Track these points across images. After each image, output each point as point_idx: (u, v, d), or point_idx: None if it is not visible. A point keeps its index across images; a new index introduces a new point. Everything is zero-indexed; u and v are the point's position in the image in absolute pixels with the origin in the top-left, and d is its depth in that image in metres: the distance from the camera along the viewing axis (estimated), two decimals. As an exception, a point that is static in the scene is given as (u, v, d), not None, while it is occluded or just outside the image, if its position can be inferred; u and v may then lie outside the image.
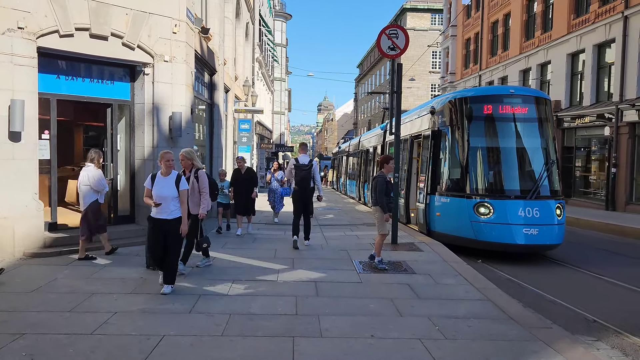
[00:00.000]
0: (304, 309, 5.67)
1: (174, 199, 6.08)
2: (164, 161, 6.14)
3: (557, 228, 9.27)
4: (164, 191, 6.04)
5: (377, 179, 7.72)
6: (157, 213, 6.09)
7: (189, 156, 7.05)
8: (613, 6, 19.44)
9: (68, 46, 8.35)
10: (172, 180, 6.10)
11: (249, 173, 11.20)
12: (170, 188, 6.06)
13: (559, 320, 5.66)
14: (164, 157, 6.15)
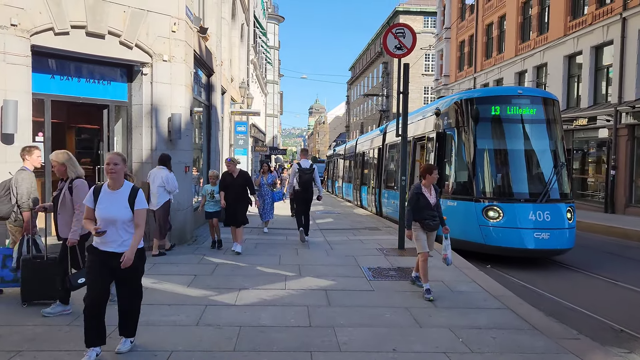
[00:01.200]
0: (318, 319, 5.38)
1: (127, 223, 4.27)
2: (107, 168, 4.22)
3: (568, 232, 9.05)
4: (111, 211, 4.20)
5: (410, 191, 6.65)
6: (102, 243, 4.24)
7: (60, 159, 5.33)
8: (611, 8, 19.38)
9: (63, 44, 8.00)
10: (123, 196, 4.26)
11: (243, 177, 9.14)
12: (121, 207, 4.22)
13: (585, 330, 5.41)
14: (109, 160, 4.21)
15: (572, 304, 6.61)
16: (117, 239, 4.25)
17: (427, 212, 6.39)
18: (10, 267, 5.92)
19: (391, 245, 9.86)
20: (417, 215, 6.38)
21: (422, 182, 6.48)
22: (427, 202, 6.38)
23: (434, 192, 6.54)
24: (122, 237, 4.26)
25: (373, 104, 56.96)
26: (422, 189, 6.44)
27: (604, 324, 5.82)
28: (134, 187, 4.38)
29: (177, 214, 9.44)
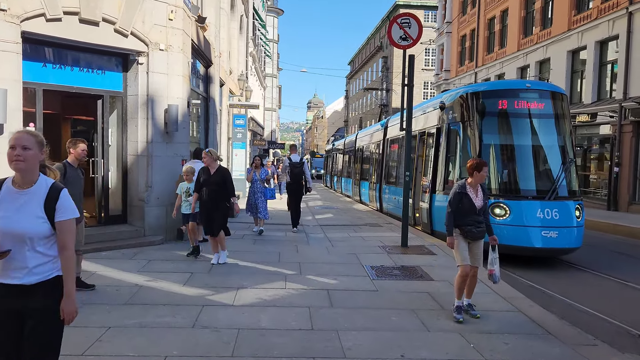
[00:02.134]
0: (320, 322, 5.10)
1: (41, 241, 2.68)
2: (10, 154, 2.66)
3: (577, 230, 8.78)
4: (15, 222, 2.62)
5: (452, 189, 5.63)
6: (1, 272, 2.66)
7: None
8: (617, 2, 19.05)
9: (55, 31, 7.67)
10: (36, 199, 2.69)
11: (221, 174, 7.53)
12: (31, 216, 2.66)
13: (601, 335, 5.14)
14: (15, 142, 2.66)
15: (584, 306, 6.34)
16: (24, 265, 2.64)
17: (471, 217, 5.39)
18: None
19: (394, 242, 9.59)
20: (458, 220, 5.41)
21: (468, 181, 5.47)
22: (471, 204, 5.37)
23: (481, 193, 5.49)
24: (29, 263, 2.64)
25: (372, 99, 56.61)
26: (466, 188, 5.42)
27: (620, 328, 5.56)
28: (55, 185, 2.76)
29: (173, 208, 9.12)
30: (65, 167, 5.84)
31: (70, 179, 5.78)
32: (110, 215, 9.01)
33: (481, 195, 5.47)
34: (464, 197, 5.41)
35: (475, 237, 5.44)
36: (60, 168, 5.74)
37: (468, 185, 5.44)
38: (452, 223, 5.44)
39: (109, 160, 8.95)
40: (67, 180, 5.72)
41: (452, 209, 5.44)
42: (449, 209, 5.45)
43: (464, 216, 5.39)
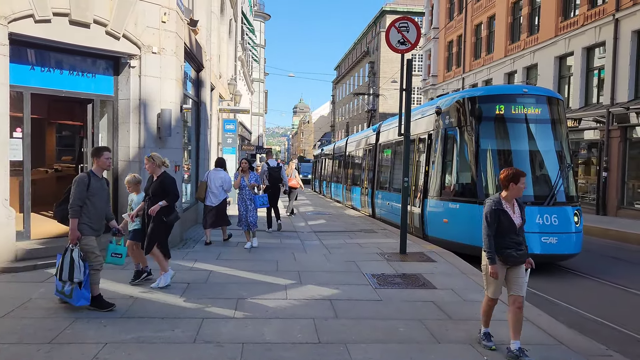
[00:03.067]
0: (326, 335, 4.91)
1: None
2: None
3: (575, 236, 8.74)
4: None
5: (485, 204, 4.71)
6: None
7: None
8: (603, 9, 19.26)
9: (44, 33, 7.40)
10: None
11: (159, 182, 6.41)
12: None
13: (612, 344, 5.05)
14: None
15: (589, 314, 6.26)
16: None
17: (509, 237, 4.56)
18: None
19: (392, 249, 9.45)
20: (496, 243, 4.57)
21: (503, 195, 4.64)
22: (510, 223, 4.56)
23: (518, 209, 4.67)
24: None
25: (359, 104, 56.66)
26: (502, 204, 4.60)
27: (630, 337, 5.47)
28: None
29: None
30: (90, 177, 5.43)
31: (93, 191, 5.41)
32: (101, 223, 8.70)
33: (518, 212, 4.67)
34: (501, 214, 4.57)
35: (517, 261, 4.58)
36: (84, 178, 5.38)
37: (503, 200, 4.62)
38: (494, 247, 4.56)
39: (99, 167, 8.65)
40: (91, 192, 5.37)
41: (491, 231, 4.57)
42: (486, 230, 4.57)
43: (502, 237, 4.56)
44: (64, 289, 5.35)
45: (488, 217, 4.59)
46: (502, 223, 4.55)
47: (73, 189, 5.33)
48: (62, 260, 5.30)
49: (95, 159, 5.55)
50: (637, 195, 17.77)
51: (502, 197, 4.65)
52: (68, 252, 5.27)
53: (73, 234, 5.28)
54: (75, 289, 5.29)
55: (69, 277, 5.22)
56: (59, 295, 5.47)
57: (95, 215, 5.47)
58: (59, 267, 5.29)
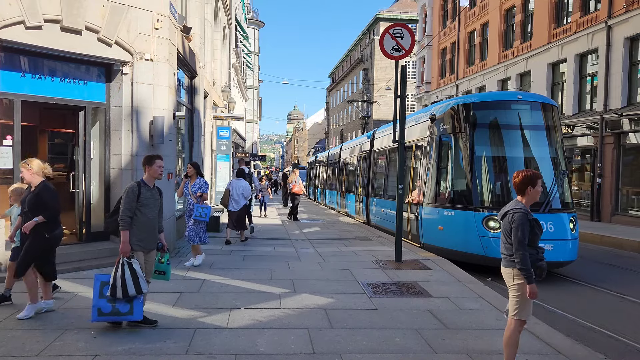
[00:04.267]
0: (321, 345, 4.83)
1: None
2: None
3: (571, 243, 8.71)
4: None
5: (513, 215, 4.06)
6: None
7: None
8: (595, 16, 19.39)
9: (36, 40, 7.32)
10: None
11: (35, 194, 5.45)
12: None
13: (610, 353, 5.00)
14: None
15: (587, 322, 6.20)
16: None
17: (536, 248, 4.11)
18: (107, 296, 4.98)
19: (387, 257, 9.38)
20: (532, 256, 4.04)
21: (522, 201, 4.18)
22: (540, 231, 4.14)
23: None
24: None
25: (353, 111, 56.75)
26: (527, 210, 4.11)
27: (628, 345, 5.41)
28: None
29: (158, 224, 8.77)
30: (140, 186, 5.18)
31: (144, 201, 5.16)
32: (92, 231, 8.61)
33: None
34: (534, 224, 4.08)
35: (544, 272, 4.11)
36: (134, 188, 5.12)
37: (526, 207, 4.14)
38: (529, 264, 3.97)
39: (90, 175, 8.57)
40: (141, 202, 5.12)
41: (527, 242, 4.01)
42: (523, 246, 3.97)
43: (532, 249, 4.08)
44: (116, 309, 4.99)
45: (524, 230, 3.98)
46: (536, 234, 4.09)
47: (123, 199, 5.07)
48: (114, 276, 4.93)
49: (147, 167, 5.28)
50: (632, 202, 17.81)
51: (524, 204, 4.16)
52: (121, 267, 4.94)
53: (125, 247, 5.01)
54: (136, 302, 5.03)
55: (123, 293, 4.89)
56: (106, 318, 5.03)
57: (146, 226, 5.19)
58: (112, 286, 4.91)
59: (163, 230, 5.60)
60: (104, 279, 5.04)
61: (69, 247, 8.17)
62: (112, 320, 5.10)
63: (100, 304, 4.98)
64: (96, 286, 5.02)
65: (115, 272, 4.94)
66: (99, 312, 4.99)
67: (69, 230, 9.52)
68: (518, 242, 3.98)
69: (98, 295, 5.00)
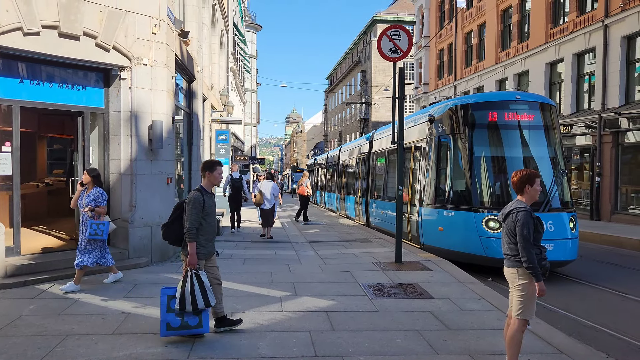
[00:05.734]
0: (323, 348, 4.82)
1: None
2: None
3: (571, 242, 8.71)
4: None
5: (517, 214, 4.05)
6: None
7: None
8: (592, 15, 19.45)
9: (33, 46, 7.32)
10: None
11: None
12: None
13: (612, 352, 4.99)
14: None
15: (588, 321, 6.20)
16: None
17: (539, 247, 4.08)
18: (175, 310, 4.86)
19: (387, 258, 9.37)
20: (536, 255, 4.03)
21: (522, 198, 4.20)
22: (543, 229, 4.13)
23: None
24: None
25: (352, 113, 56.79)
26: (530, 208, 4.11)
27: (630, 344, 5.41)
28: None
29: (159, 228, 8.74)
30: (203, 195, 5.03)
31: (208, 209, 5.04)
32: (92, 237, 8.58)
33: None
34: (537, 222, 4.09)
35: (547, 271, 4.10)
36: (199, 198, 4.96)
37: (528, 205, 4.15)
38: (535, 259, 3.97)
39: (90, 180, 8.54)
40: (206, 211, 5.00)
41: (532, 241, 4.00)
42: (528, 244, 3.96)
43: (536, 247, 4.05)
44: (185, 322, 4.88)
45: (529, 228, 3.98)
46: (539, 232, 4.08)
47: (189, 210, 4.91)
48: (183, 290, 4.81)
49: (207, 172, 5.15)
50: (631, 200, 17.83)
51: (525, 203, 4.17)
52: (189, 280, 4.83)
53: (193, 259, 4.89)
54: (204, 314, 4.94)
55: (192, 307, 4.78)
56: (176, 332, 4.90)
57: (209, 234, 5.13)
58: (180, 299, 4.79)
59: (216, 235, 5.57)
60: (170, 293, 4.93)
61: (69, 253, 8.15)
62: (181, 334, 4.95)
63: (169, 318, 4.86)
64: (163, 300, 4.89)
65: (184, 285, 4.82)
66: (167, 327, 4.87)
67: (69, 236, 9.53)
68: (524, 240, 3.96)
69: (166, 310, 4.86)
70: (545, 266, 4.05)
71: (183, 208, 5.04)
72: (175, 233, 5.09)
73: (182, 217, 5.04)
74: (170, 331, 4.87)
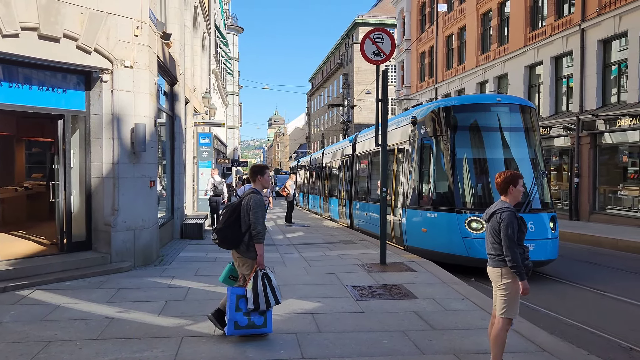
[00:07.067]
0: (310, 349, 4.83)
1: None
2: None
3: (552, 242, 8.87)
4: None
5: (501, 214, 4.10)
6: None
7: None
8: (570, 19, 19.83)
9: (12, 48, 7.19)
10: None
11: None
12: None
13: (593, 349, 5.10)
14: None
15: (569, 319, 6.32)
16: None
17: (522, 247, 4.12)
18: (244, 309, 4.97)
19: (371, 260, 9.42)
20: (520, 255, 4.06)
21: (506, 199, 4.26)
22: (526, 229, 4.21)
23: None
24: None
25: (334, 115, 56.93)
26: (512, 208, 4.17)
27: (610, 341, 5.52)
28: None
29: (142, 232, 8.70)
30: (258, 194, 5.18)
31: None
32: (73, 241, 8.48)
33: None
34: (521, 222, 4.14)
35: (530, 270, 4.15)
36: (262, 200, 5.09)
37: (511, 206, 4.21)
38: (519, 259, 4.03)
39: (71, 184, 8.44)
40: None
41: (516, 240, 4.04)
42: (513, 243, 4.00)
43: (519, 247, 4.10)
44: (252, 322, 5.02)
45: (513, 227, 4.02)
46: (522, 232, 4.12)
47: (255, 212, 4.99)
48: (255, 289, 4.92)
49: (259, 176, 5.28)
50: (609, 200, 18.20)
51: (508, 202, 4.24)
52: (261, 279, 4.95)
53: (262, 258, 5.02)
54: (268, 314, 5.08)
55: (266, 306, 4.96)
56: (242, 331, 5.02)
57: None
58: (254, 299, 4.91)
59: None
60: (240, 292, 5.00)
61: (50, 258, 8.05)
62: (247, 334, 5.06)
63: (237, 317, 4.96)
64: (232, 300, 4.97)
65: (256, 285, 4.93)
66: (235, 325, 4.98)
67: (50, 241, 9.39)
68: (509, 239, 4.02)
69: (235, 309, 4.96)
70: (528, 265, 4.11)
71: (238, 211, 5.09)
72: (234, 235, 5.10)
73: (239, 220, 5.08)
74: (238, 330, 4.99)
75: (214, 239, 5.21)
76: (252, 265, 5.07)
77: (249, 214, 5.01)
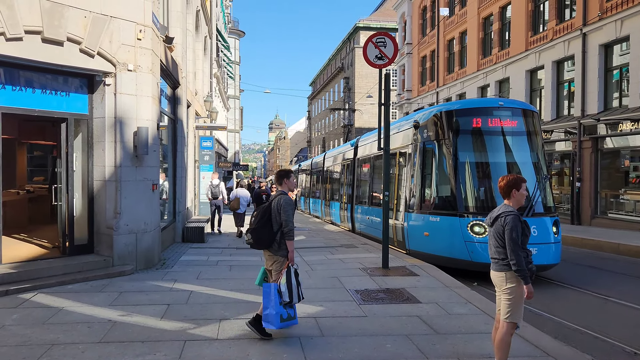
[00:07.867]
0: (313, 354, 4.82)
1: None
2: None
3: (555, 247, 8.85)
4: None
5: (505, 218, 4.09)
6: None
7: None
8: (571, 23, 19.86)
9: (16, 51, 7.20)
10: None
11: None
12: None
13: (597, 354, 5.09)
14: None
15: (573, 324, 6.30)
16: None
17: (526, 251, 4.13)
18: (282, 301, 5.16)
19: (374, 264, 9.41)
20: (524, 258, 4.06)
21: (509, 203, 4.26)
22: (530, 233, 4.25)
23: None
24: None
25: (335, 119, 56.96)
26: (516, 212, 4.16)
27: (614, 346, 5.51)
28: None
29: (144, 235, 8.69)
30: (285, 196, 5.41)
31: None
32: (76, 244, 8.47)
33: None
34: (525, 226, 4.13)
35: (534, 274, 4.14)
36: (291, 200, 5.38)
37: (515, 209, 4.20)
38: (524, 263, 4.02)
39: (73, 187, 8.44)
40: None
41: (520, 244, 4.04)
42: (517, 247, 4.00)
43: (523, 250, 4.09)
44: (289, 314, 5.22)
45: (518, 231, 4.02)
46: (526, 236, 4.13)
47: (286, 212, 5.23)
48: (290, 284, 5.17)
49: (285, 179, 5.54)
50: (610, 205, 18.17)
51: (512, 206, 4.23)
52: (293, 275, 5.25)
53: (292, 254, 5.34)
54: (295, 307, 5.32)
55: (298, 299, 5.23)
56: (285, 324, 5.20)
57: None
58: (288, 292, 5.13)
59: None
60: (277, 287, 5.19)
61: (52, 261, 8.04)
62: (288, 326, 5.27)
63: (282, 310, 5.14)
64: (276, 294, 5.12)
65: (289, 280, 5.18)
66: (281, 319, 5.14)
67: (52, 244, 9.39)
68: (513, 243, 4.00)
69: (279, 302, 5.11)
70: (531, 269, 4.08)
71: (269, 212, 5.29)
72: (269, 235, 5.28)
73: (270, 220, 5.27)
74: (283, 322, 5.14)
75: (248, 240, 5.38)
76: (283, 262, 5.30)
77: (279, 213, 5.24)
